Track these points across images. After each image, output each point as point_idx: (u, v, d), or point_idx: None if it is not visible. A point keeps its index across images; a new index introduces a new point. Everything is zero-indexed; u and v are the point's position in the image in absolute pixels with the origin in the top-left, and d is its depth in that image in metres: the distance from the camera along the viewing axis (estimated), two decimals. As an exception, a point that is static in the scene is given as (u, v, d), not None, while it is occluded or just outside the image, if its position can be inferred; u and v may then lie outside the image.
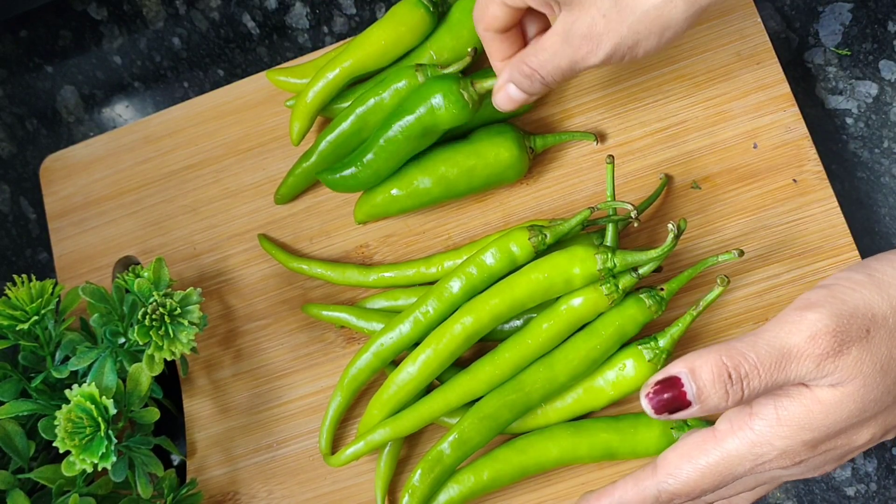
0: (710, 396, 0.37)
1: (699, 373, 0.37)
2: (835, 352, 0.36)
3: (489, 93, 0.55)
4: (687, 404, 0.38)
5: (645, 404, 0.38)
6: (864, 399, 0.37)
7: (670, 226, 0.52)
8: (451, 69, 0.57)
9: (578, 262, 0.53)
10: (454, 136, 0.60)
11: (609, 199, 0.55)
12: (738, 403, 0.37)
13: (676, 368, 0.38)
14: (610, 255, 0.53)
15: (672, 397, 0.38)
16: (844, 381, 0.36)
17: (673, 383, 0.38)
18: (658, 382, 0.38)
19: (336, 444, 0.60)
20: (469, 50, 0.57)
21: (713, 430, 0.41)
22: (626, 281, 0.53)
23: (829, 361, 0.36)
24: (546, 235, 0.55)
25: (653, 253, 0.52)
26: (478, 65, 0.61)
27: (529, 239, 0.55)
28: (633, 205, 0.53)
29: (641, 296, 0.53)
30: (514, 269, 0.56)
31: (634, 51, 0.45)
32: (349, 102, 0.62)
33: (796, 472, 0.40)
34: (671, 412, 0.38)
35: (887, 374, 0.36)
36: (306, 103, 0.62)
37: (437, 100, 0.56)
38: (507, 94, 0.51)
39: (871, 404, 0.37)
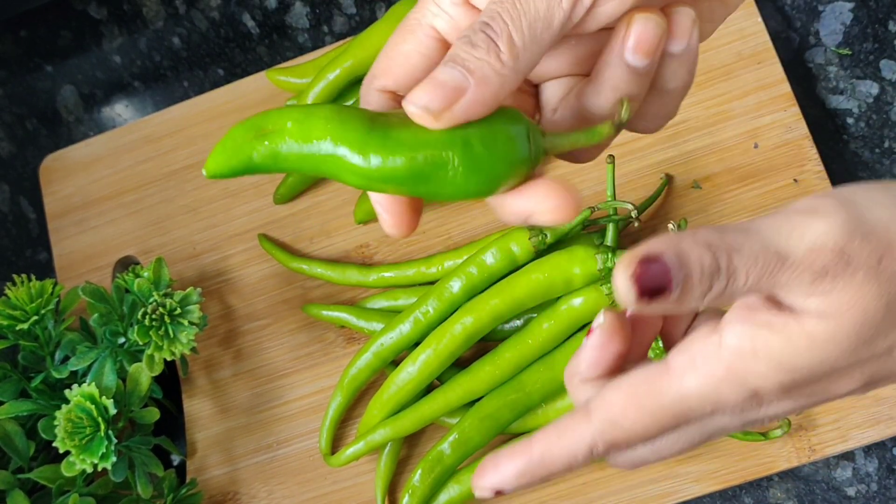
0: (693, 287, 0.30)
1: (688, 257, 0.29)
2: (837, 272, 0.29)
3: None
4: (668, 291, 0.29)
5: (626, 286, 0.29)
6: (859, 338, 0.30)
7: (670, 226, 0.52)
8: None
9: (579, 262, 0.53)
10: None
11: (609, 198, 0.55)
12: (713, 302, 0.30)
13: (659, 247, 0.29)
14: (610, 255, 0.53)
15: (658, 277, 0.29)
16: (840, 311, 0.30)
17: (659, 266, 0.29)
18: (644, 260, 0.29)
19: (336, 444, 0.60)
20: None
21: (665, 363, 0.32)
22: (626, 281, 0.53)
23: (826, 280, 0.29)
24: (546, 235, 0.55)
25: (653, 253, 0.52)
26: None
27: (530, 239, 0.55)
28: (633, 204, 0.53)
29: (642, 296, 0.53)
30: (515, 268, 0.56)
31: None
32: (350, 102, 0.62)
33: (751, 420, 0.33)
34: (651, 298, 0.30)
35: (889, 314, 0.30)
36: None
37: None
38: (429, 78, 0.31)
39: (864, 347, 0.31)
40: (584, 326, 0.54)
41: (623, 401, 0.32)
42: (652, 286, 0.29)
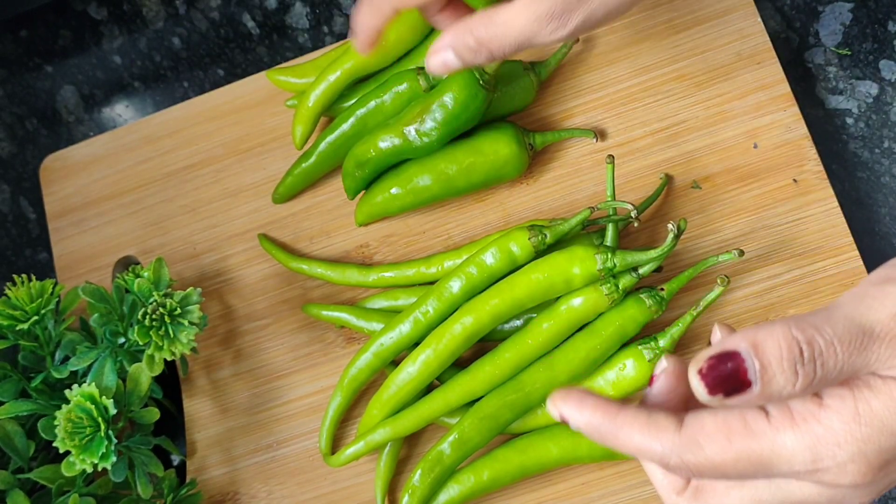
0: (775, 376, 0.29)
1: (763, 347, 0.29)
2: None
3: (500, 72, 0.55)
4: (747, 384, 0.30)
5: (696, 383, 0.30)
6: None
7: (670, 225, 0.52)
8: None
9: (578, 262, 0.53)
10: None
11: (609, 198, 0.55)
12: (808, 389, 0.30)
13: (734, 342, 0.30)
14: (610, 255, 0.53)
15: (730, 373, 0.29)
16: None
17: (731, 357, 0.30)
18: (713, 356, 0.30)
19: (336, 444, 0.60)
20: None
21: (766, 413, 0.32)
22: (626, 281, 0.53)
23: None
24: (546, 235, 0.55)
25: (653, 253, 0.52)
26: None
27: (529, 239, 0.55)
28: (633, 204, 0.53)
29: (642, 296, 0.53)
30: (514, 268, 0.56)
31: (606, 19, 0.43)
32: (351, 102, 0.62)
33: (842, 496, 0.32)
34: (727, 394, 0.30)
35: None
36: (308, 107, 0.62)
37: (448, 97, 0.56)
38: (443, 59, 0.46)
39: None
40: (583, 327, 0.54)
41: (715, 428, 0.32)
42: (724, 382, 0.29)
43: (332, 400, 0.59)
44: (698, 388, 0.30)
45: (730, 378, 0.30)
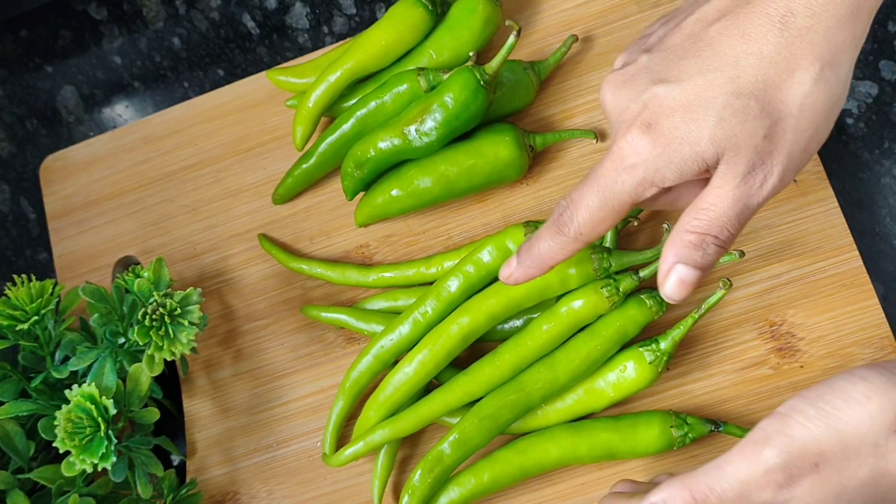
0: None
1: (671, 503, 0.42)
2: (788, 483, 0.40)
3: (500, 72, 0.55)
4: None
5: None
6: None
7: (666, 226, 0.52)
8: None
9: (574, 262, 0.53)
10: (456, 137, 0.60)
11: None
12: None
13: (653, 499, 0.42)
14: (605, 256, 0.53)
15: None
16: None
17: None
18: None
19: (338, 446, 0.60)
20: (471, 54, 0.57)
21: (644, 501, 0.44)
22: (626, 283, 0.53)
23: (784, 491, 0.40)
24: (545, 234, 0.55)
25: (649, 253, 0.52)
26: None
27: (525, 235, 0.55)
28: None
29: (642, 296, 0.53)
30: (514, 268, 0.56)
31: (808, 151, 0.41)
32: (352, 102, 0.62)
33: None
34: None
35: (841, 500, 0.40)
36: (308, 108, 0.62)
37: (448, 97, 0.56)
38: (677, 278, 0.42)
39: None
40: (583, 328, 0.54)
41: None
42: None
43: (335, 405, 0.59)
44: None
45: None
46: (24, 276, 0.55)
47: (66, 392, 0.51)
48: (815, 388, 0.43)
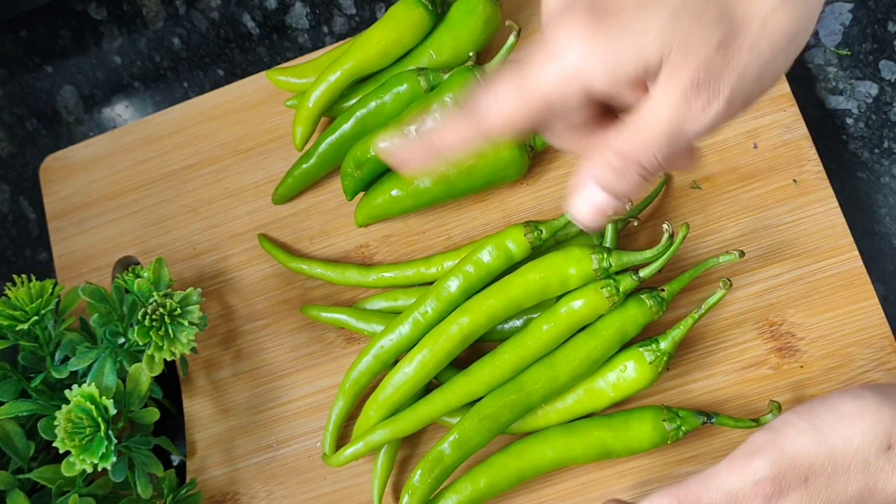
0: None
1: None
2: (776, 495, 0.40)
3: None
4: None
5: None
6: None
7: (665, 226, 0.52)
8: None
9: (574, 263, 0.53)
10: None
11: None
12: None
13: None
14: (605, 255, 0.53)
15: None
16: None
17: None
18: None
19: (338, 446, 0.60)
20: (470, 54, 0.57)
21: None
22: (626, 283, 0.53)
23: (773, 500, 0.41)
24: (542, 231, 0.55)
25: (648, 253, 0.52)
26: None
27: (525, 235, 0.55)
28: (628, 197, 0.53)
29: (642, 296, 0.53)
30: (512, 266, 0.56)
31: (761, 82, 0.35)
32: (352, 102, 0.62)
33: None
34: None
35: None
36: (308, 108, 0.62)
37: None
38: (588, 201, 0.37)
39: None
40: (583, 328, 0.54)
41: None
42: None
43: (335, 405, 0.59)
44: None
45: None
46: (24, 276, 0.55)
47: (66, 392, 0.51)
48: (808, 404, 0.43)
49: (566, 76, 0.35)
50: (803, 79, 0.62)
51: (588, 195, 0.36)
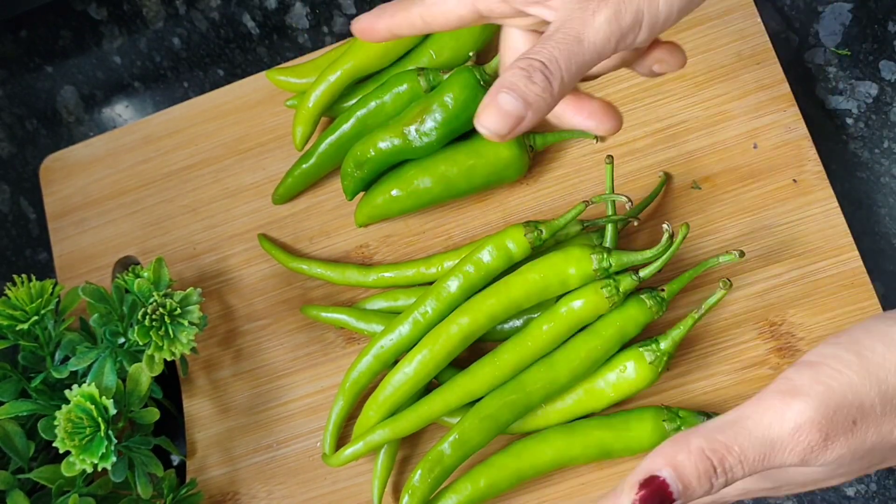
0: (695, 491, 0.35)
1: (683, 470, 0.34)
2: (820, 446, 0.34)
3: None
4: (671, 499, 0.35)
5: None
6: (830, 474, 0.37)
7: (665, 225, 0.52)
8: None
9: (574, 262, 0.53)
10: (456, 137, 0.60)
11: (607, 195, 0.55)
12: (718, 491, 0.36)
13: (658, 465, 0.34)
14: (605, 255, 0.53)
15: (659, 499, 0.35)
16: (820, 466, 0.36)
17: (659, 486, 0.35)
18: (643, 486, 0.34)
19: (338, 446, 0.60)
20: (470, 54, 0.57)
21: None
22: (626, 283, 0.53)
23: (812, 454, 0.34)
24: (542, 231, 0.55)
25: (648, 253, 0.52)
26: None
27: (525, 235, 0.55)
28: (627, 196, 0.54)
29: (642, 296, 0.53)
30: (512, 266, 0.56)
31: (652, 2, 0.38)
32: (352, 102, 0.62)
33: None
34: None
35: (857, 460, 0.35)
36: (308, 108, 0.62)
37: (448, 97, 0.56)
38: (495, 104, 0.37)
39: (832, 477, 0.37)
40: (583, 328, 0.54)
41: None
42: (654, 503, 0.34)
43: (335, 405, 0.59)
44: None
45: (659, 500, 0.34)
46: (24, 276, 0.55)
47: (66, 392, 0.51)
48: (848, 333, 0.36)
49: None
50: (803, 79, 0.62)
51: (497, 102, 0.37)
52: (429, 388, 0.57)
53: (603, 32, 0.37)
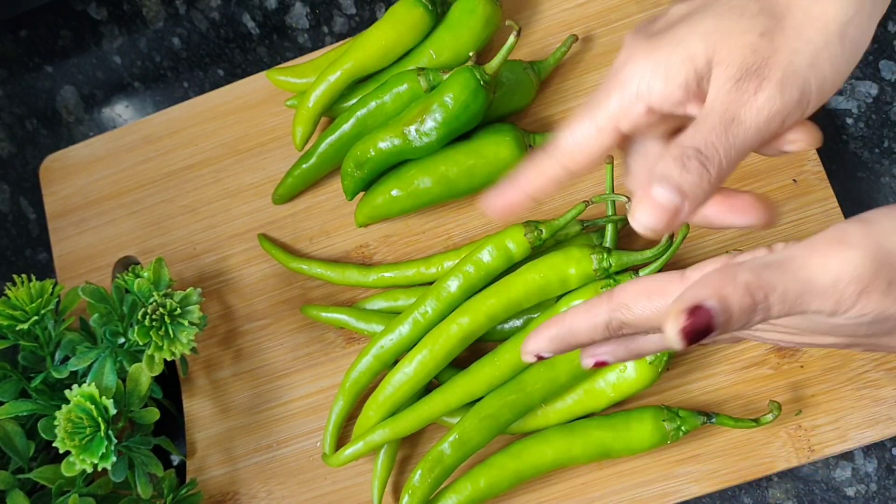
0: (734, 324, 0.34)
1: (728, 303, 0.33)
2: (854, 301, 0.34)
3: (500, 72, 0.54)
4: (712, 329, 0.33)
5: (675, 335, 0.33)
6: (849, 331, 0.36)
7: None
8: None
9: (574, 262, 0.53)
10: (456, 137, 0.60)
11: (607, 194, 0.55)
12: (749, 327, 0.35)
13: (704, 294, 0.33)
14: (605, 255, 0.53)
15: (704, 328, 0.33)
16: (844, 319, 0.35)
17: (705, 316, 0.33)
18: (690, 314, 0.33)
19: (338, 446, 0.60)
20: (470, 54, 0.57)
21: (681, 274, 0.38)
22: (626, 281, 0.53)
23: (844, 306, 0.34)
24: (542, 231, 0.55)
25: (648, 253, 0.52)
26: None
27: (525, 235, 0.55)
28: (627, 196, 0.54)
29: (641, 296, 0.53)
30: (512, 265, 0.56)
31: (816, 68, 0.36)
32: (352, 101, 0.62)
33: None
34: (696, 341, 0.34)
35: (876, 323, 0.35)
36: (308, 108, 0.62)
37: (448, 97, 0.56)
38: (651, 199, 0.35)
39: (848, 335, 0.37)
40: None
41: (637, 294, 0.38)
42: (697, 335, 0.33)
43: (335, 404, 0.59)
44: (675, 340, 0.33)
45: (703, 331, 0.33)
46: (24, 276, 0.55)
47: (66, 392, 0.51)
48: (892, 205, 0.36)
49: (629, 98, 0.37)
50: (803, 79, 0.62)
51: (650, 195, 0.35)
52: (429, 388, 0.57)
53: (766, 112, 0.35)
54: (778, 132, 0.37)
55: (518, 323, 0.57)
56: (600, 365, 0.42)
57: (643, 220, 0.35)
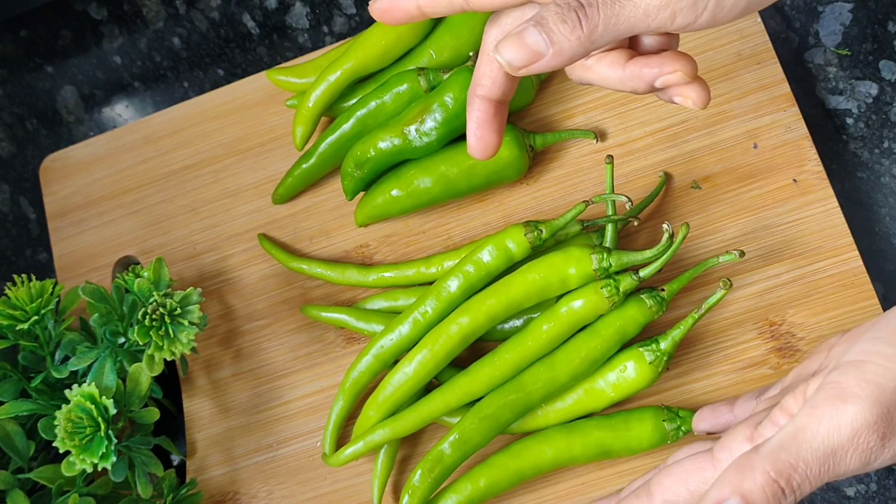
0: None
1: (752, 497, 0.33)
2: (878, 447, 0.34)
3: None
4: None
5: None
6: (888, 462, 0.36)
7: (665, 225, 0.52)
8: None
9: (574, 262, 0.53)
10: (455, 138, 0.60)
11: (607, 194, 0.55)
12: None
13: (725, 494, 0.34)
14: (605, 255, 0.53)
15: None
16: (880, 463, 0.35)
17: None
18: None
19: (338, 446, 0.60)
20: (471, 54, 0.57)
21: (710, 454, 0.39)
22: (626, 283, 0.53)
23: (872, 456, 0.34)
24: (542, 231, 0.55)
25: (648, 253, 0.52)
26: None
27: (525, 235, 0.55)
28: (627, 196, 0.54)
29: (642, 296, 0.53)
30: (512, 265, 0.56)
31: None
32: (352, 102, 0.62)
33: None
34: None
35: None
36: (308, 107, 0.62)
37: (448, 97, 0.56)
38: (519, 36, 0.35)
39: (889, 461, 0.36)
40: (583, 328, 0.54)
41: (673, 483, 0.40)
42: None
43: (335, 404, 0.59)
44: None
45: None
46: (24, 276, 0.55)
47: (66, 392, 0.51)
48: (880, 326, 0.36)
49: None
50: (803, 79, 0.62)
51: (521, 33, 0.35)
52: (429, 388, 0.57)
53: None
54: (666, 25, 0.35)
55: (518, 323, 0.57)
56: None
57: (507, 55, 0.35)
